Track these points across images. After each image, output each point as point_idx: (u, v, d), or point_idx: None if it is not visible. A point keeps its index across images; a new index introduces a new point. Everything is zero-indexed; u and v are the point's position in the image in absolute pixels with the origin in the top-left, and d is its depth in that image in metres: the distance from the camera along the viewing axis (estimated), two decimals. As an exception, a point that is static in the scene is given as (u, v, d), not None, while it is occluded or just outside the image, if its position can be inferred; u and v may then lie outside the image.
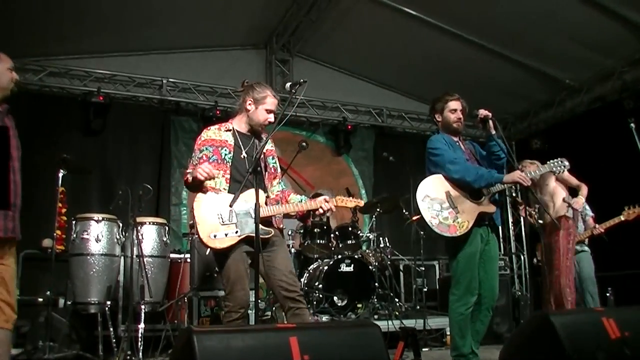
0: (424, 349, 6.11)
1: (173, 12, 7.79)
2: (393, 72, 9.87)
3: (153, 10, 7.66)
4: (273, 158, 4.15)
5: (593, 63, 8.54)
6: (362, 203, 4.19)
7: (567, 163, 4.23)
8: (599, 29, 7.64)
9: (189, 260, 6.24)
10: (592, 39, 7.92)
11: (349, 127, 9.68)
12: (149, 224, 5.87)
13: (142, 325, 5.23)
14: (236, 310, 3.64)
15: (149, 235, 5.80)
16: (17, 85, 3.48)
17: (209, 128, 4.00)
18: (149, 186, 5.73)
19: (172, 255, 6.28)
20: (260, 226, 3.60)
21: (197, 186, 3.73)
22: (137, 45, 8.42)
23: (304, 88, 3.76)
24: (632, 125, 4.63)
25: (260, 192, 3.69)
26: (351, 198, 4.12)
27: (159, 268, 5.80)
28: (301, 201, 3.94)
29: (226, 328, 3.05)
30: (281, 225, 4.03)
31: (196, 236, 3.80)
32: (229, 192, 3.71)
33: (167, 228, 6.09)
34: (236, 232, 3.66)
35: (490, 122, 4.33)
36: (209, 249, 3.72)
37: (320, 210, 3.89)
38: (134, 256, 5.41)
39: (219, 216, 3.69)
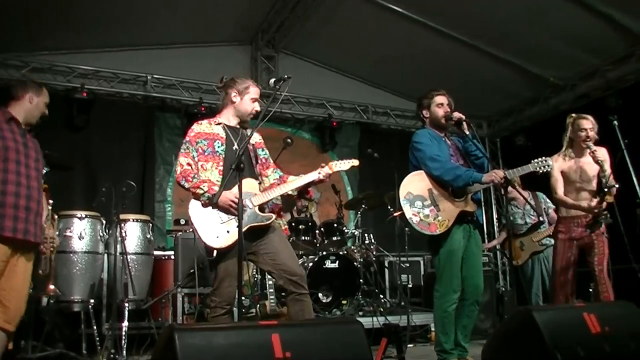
0: (408, 345, 6.13)
1: (158, 8, 7.74)
2: (379, 69, 9.87)
3: (137, 6, 7.60)
4: (263, 150, 4.24)
5: (577, 61, 8.60)
6: (357, 162, 4.17)
7: (550, 162, 4.27)
8: (583, 28, 7.69)
9: (173, 257, 6.22)
10: (576, 38, 7.97)
11: (334, 123, 9.68)
12: (133, 221, 5.85)
13: (125, 323, 5.20)
14: (222, 306, 3.72)
15: (133, 232, 5.79)
16: (41, 118, 3.89)
17: (199, 122, 4.04)
18: (132, 183, 5.70)
19: (156, 253, 6.27)
20: (260, 213, 3.78)
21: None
22: (121, 41, 8.34)
23: (288, 84, 3.80)
24: (615, 122, 4.66)
25: (254, 181, 3.88)
26: (344, 161, 4.15)
27: (143, 265, 5.78)
28: (300, 177, 4.04)
29: (208, 325, 3.04)
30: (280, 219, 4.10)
31: (180, 234, 3.81)
32: (221, 184, 3.73)
33: (151, 225, 6.07)
34: (237, 226, 3.64)
35: (464, 123, 4.38)
36: (214, 251, 3.72)
37: (319, 177, 3.99)
38: (118, 253, 5.38)
39: (218, 215, 3.75)
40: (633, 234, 4.70)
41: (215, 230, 3.71)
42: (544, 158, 4.34)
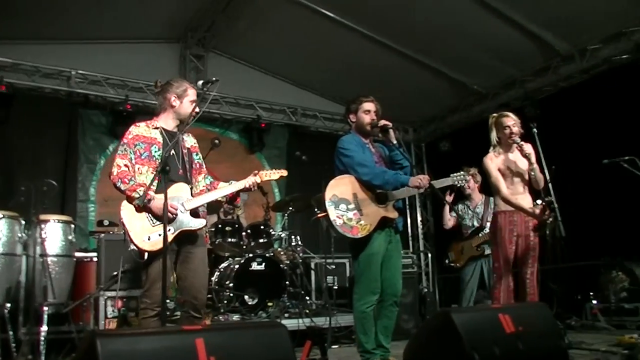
0: (333, 347, 6.22)
1: (84, 0, 7.52)
2: (308, 72, 9.95)
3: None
4: (197, 154, 4.27)
5: (499, 71, 8.98)
6: (285, 173, 4.34)
7: (469, 178, 4.44)
8: (505, 40, 8.06)
9: (96, 259, 6.06)
10: (499, 49, 8.33)
11: (263, 125, 9.68)
12: (54, 221, 5.65)
13: (44, 328, 5.04)
14: (152, 307, 3.73)
15: (53, 233, 5.58)
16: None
17: (137, 124, 4.01)
18: (53, 182, 5.54)
19: (78, 254, 6.08)
20: (192, 218, 3.83)
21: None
22: (44, 34, 8.03)
23: (216, 86, 3.81)
24: (535, 130, 4.87)
25: (187, 186, 3.92)
26: (274, 170, 4.34)
27: (64, 268, 5.60)
28: (230, 184, 4.10)
29: (131, 331, 3.00)
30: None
31: (104, 235, 3.74)
32: (157, 189, 3.73)
33: (73, 226, 5.89)
34: (169, 229, 3.69)
35: (391, 131, 4.49)
36: (146, 254, 3.70)
37: (248, 185, 4.09)
38: (37, 255, 5.22)
39: (149, 218, 3.74)
40: (543, 238, 4.89)
41: (147, 232, 3.70)
42: (462, 173, 4.56)
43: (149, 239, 3.67)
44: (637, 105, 7.34)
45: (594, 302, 7.15)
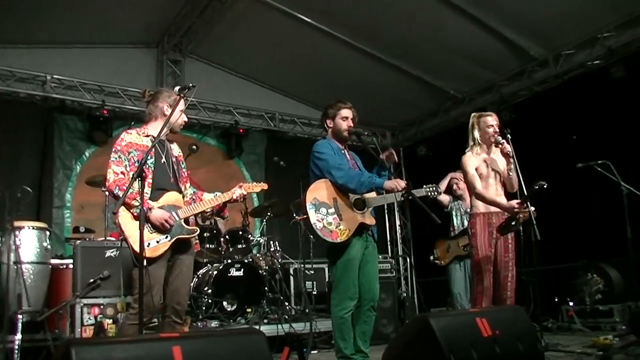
0: (312, 352, 6.21)
1: (60, 4, 7.45)
2: (286, 77, 9.95)
3: (38, 1, 7.27)
4: (183, 163, 4.26)
5: (475, 76, 9.07)
6: (266, 186, 4.36)
7: (441, 190, 4.50)
8: (481, 45, 8.16)
9: (72, 266, 6.00)
10: (475, 54, 8.44)
11: (241, 130, 9.67)
12: (28, 228, 5.57)
13: (19, 336, 4.98)
14: (145, 314, 3.65)
15: (28, 240, 5.51)
16: None
17: (129, 132, 4.01)
18: (28, 188, 5.47)
19: (54, 261, 6.00)
20: (186, 226, 3.91)
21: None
22: (18, 38, 7.94)
23: (193, 92, 3.81)
24: (509, 136, 4.91)
25: (179, 195, 3.99)
26: (256, 183, 4.33)
27: (39, 275, 5.52)
28: (215, 196, 4.11)
29: (107, 339, 2.97)
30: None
31: (80, 242, 3.70)
32: (150, 196, 3.78)
33: (48, 233, 5.81)
34: (166, 237, 3.78)
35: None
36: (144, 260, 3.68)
37: (235, 197, 4.12)
38: (11, 263, 5.15)
39: (147, 225, 3.73)
40: (521, 242, 4.94)
41: (145, 239, 3.64)
42: (434, 185, 4.61)
43: (148, 245, 3.67)
44: (610, 110, 7.47)
45: (570, 304, 7.23)
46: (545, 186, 4.51)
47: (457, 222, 6.93)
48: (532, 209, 4.63)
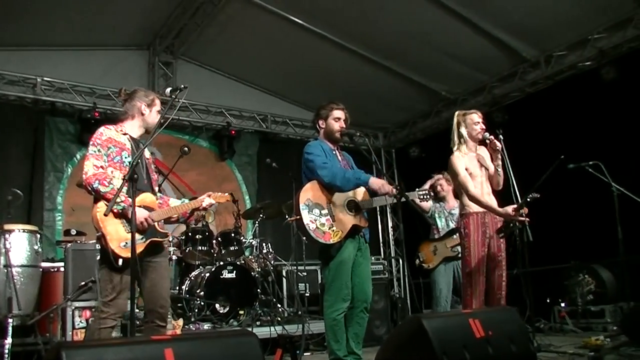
0: (305, 354, 6.20)
1: (50, 5, 7.40)
2: (278, 79, 9.95)
3: (28, 2, 7.22)
4: (153, 165, 4.21)
5: (467, 77, 9.10)
6: (230, 197, 4.36)
7: (432, 195, 4.52)
8: (473, 47, 8.18)
9: (63, 269, 5.96)
10: (467, 56, 8.46)
11: (233, 132, 9.65)
12: (19, 231, 5.51)
13: (9, 340, 4.93)
14: (114, 317, 3.67)
15: (19, 243, 5.44)
16: None
17: (108, 127, 3.95)
18: (18, 191, 5.44)
19: (45, 265, 5.95)
20: (159, 230, 3.87)
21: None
22: (8, 40, 7.89)
23: (185, 94, 3.77)
24: (501, 136, 4.90)
25: (153, 197, 3.92)
26: (222, 194, 4.26)
27: (30, 278, 5.47)
28: (183, 203, 4.08)
29: (99, 342, 2.95)
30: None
31: (71, 244, 3.67)
32: (126, 194, 3.68)
33: (39, 236, 5.76)
34: (142, 238, 3.70)
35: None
36: (120, 260, 3.62)
37: (205, 205, 4.09)
38: (1, 266, 5.11)
39: (124, 224, 3.69)
40: (513, 243, 4.94)
41: (123, 238, 3.62)
42: (426, 190, 4.63)
43: (125, 245, 3.59)
44: (601, 111, 7.50)
45: (562, 305, 7.25)
46: (538, 197, 4.52)
47: (441, 224, 6.78)
48: (526, 210, 4.62)
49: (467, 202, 4.85)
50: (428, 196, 4.60)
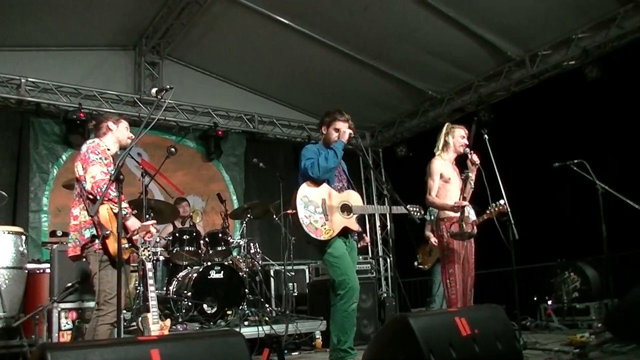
0: (293, 353, 6.21)
1: (35, 5, 7.33)
2: (265, 79, 9.93)
3: (11, 2, 7.16)
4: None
5: (453, 77, 9.15)
6: (154, 222, 4.57)
7: (423, 213, 4.74)
8: (458, 46, 8.23)
9: (49, 270, 5.92)
10: (452, 55, 8.50)
11: (220, 132, 9.62)
12: (4, 232, 5.49)
13: (-6, 342, 4.91)
14: (114, 314, 3.78)
15: (4, 245, 5.42)
16: None
17: (102, 139, 4.26)
18: (3, 192, 5.39)
19: (30, 266, 5.91)
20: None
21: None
22: (-9, 40, 7.83)
23: (170, 94, 3.79)
24: (486, 136, 4.98)
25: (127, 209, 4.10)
26: (148, 222, 4.45)
27: (15, 280, 5.44)
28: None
29: (84, 343, 2.94)
30: None
31: (57, 246, 3.70)
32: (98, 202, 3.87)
33: (24, 237, 5.73)
34: (129, 244, 4.11)
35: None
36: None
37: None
38: (-14, 268, 5.07)
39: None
40: (499, 241, 4.98)
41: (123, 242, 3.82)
42: (419, 208, 4.75)
43: (125, 248, 3.88)
44: (586, 110, 7.56)
45: (548, 302, 7.30)
46: (504, 205, 4.79)
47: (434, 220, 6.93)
48: (502, 202, 4.82)
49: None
50: (419, 213, 4.68)
